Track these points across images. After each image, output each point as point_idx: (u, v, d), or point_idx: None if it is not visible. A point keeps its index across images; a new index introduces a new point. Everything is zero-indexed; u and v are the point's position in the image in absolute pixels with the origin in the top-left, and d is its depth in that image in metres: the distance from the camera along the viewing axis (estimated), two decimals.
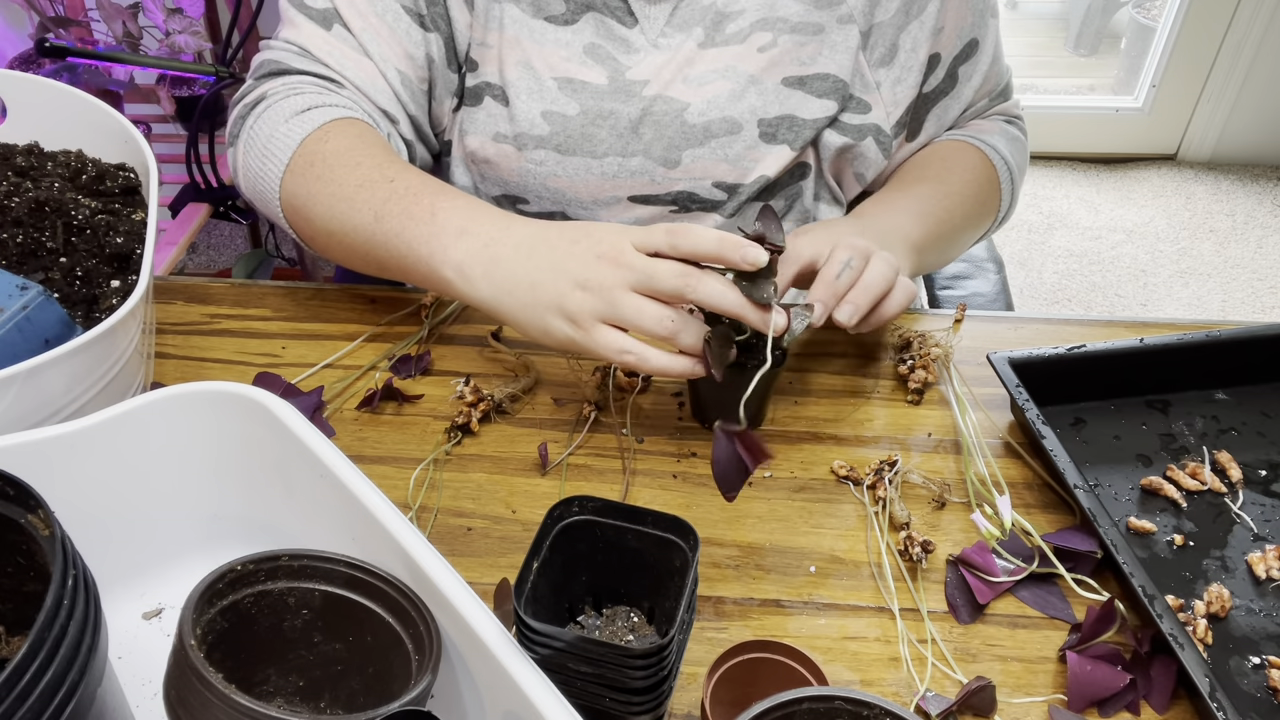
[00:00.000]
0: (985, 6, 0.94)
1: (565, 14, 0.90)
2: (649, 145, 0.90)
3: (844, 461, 0.77)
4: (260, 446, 0.61)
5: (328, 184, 0.81)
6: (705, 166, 0.91)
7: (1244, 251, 2.49)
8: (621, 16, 0.90)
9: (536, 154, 0.91)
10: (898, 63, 0.92)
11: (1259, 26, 2.51)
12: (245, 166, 0.87)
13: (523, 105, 0.90)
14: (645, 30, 0.90)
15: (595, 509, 0.59)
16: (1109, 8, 3.06)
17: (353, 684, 0.57)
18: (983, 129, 0.99)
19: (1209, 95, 2.65)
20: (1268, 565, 0.69)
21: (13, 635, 0.54)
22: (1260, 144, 2.71)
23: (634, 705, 0.55)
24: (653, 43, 0.90)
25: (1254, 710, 0.62)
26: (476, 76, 0.92)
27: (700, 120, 0.90)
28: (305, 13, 0.89)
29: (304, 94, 0.87)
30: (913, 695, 0.63)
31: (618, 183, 0.92)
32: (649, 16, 0.90)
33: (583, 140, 0.90)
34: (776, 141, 0.90)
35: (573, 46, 0.90)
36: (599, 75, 0.90)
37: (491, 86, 0.92)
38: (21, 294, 0.66)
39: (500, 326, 0.87)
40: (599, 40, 0.90)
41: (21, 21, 1.92)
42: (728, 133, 0.90)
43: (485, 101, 0.92)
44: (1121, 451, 0.78)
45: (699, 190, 0.92)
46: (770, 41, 0.89)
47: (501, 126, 0.92)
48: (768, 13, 0.89)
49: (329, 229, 0.82)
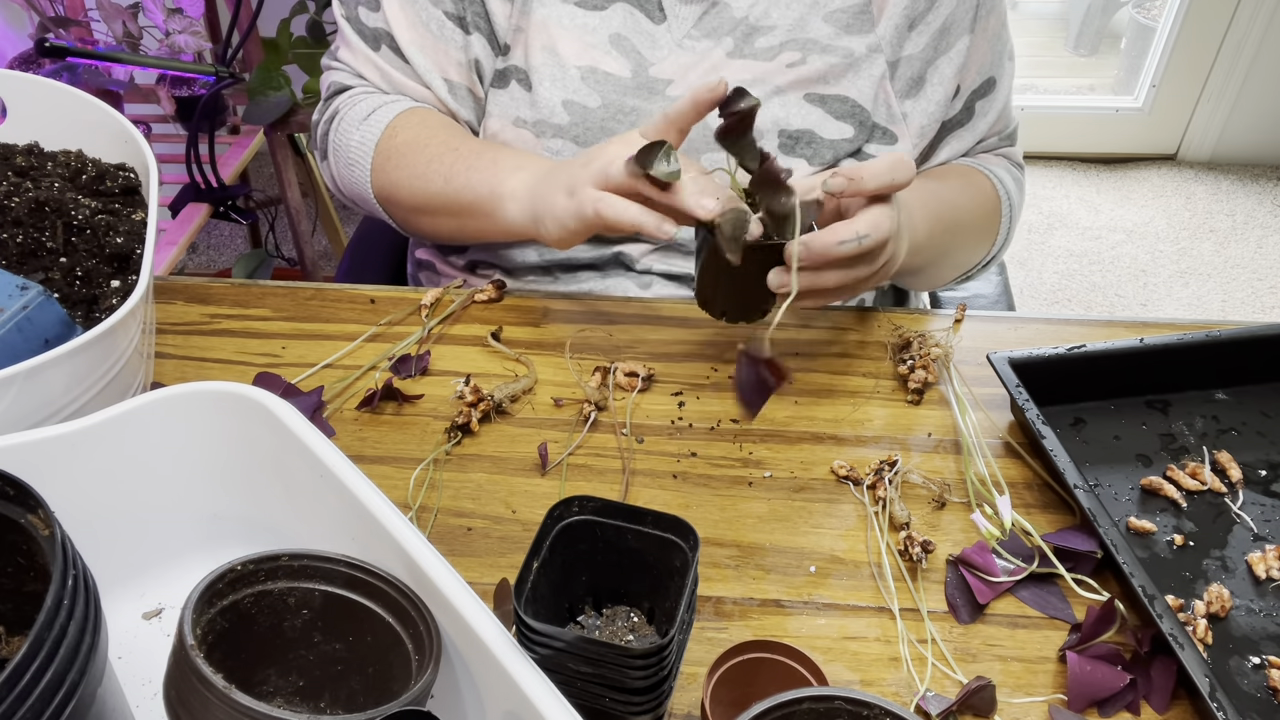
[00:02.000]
0: (1004, 49, 0.97)
1: (596, 0, 0.91)
2: None
3: (844, 461, 0.77)
4: (260, 446, 0.61)
5: (404, 170, 0.91)
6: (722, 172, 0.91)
7: (1244, 251, 2.49)
8: (651, 11, 0.91)
9: (554, 143, 0.91)
10: (925, 95, 0.93)
11: (1259, 26, 2.50)
12: (339, 176, 0.98)
13: (545, 92, 0.91)
14: (672, 29, 0.91)
15: (595, 509, 0.59)
16: (1109, 8, 3.06)
17: (353, 684, 0.57)
18: (990, 162, 1.00)
19: (1209, 95, 2.65)
20: (1268, 565, 0.69)
21: (13, 635, 0.54)
22: (1260, 144, 2.71)
23: (634, 705, 0.55)
24: (678, 43, 0.91)
25: (1254, 710, 0.62)
26: (506, 60, 0.93)
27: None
28: (358, 30, 0.96)
29: (369, 97, 0.96)
30: (913, 695, 0.63)
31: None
32: (679, 15, 0.91)
33: (602, 134, 0.91)
34: (795, 155, 0.90)
35: (599, 33, 0.91)
36: (623, 67, 0.90)
37: (518, 70, 0.92)
38: (21, 294, 0.66)
39: (500, 327, 0.87)
40: (625, 32, 0.91)
41: (21, 21, 1.92)
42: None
43: (511, 85, 0.93)
44: (1121, 451, 0.78)
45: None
46: (799, 59, 0.89)
47: (523, 111, 0.92)
48: (798, 33, 0.90)
49: (415, 206, 0.92)
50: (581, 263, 0.97)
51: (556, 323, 0.89)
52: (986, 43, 0.94)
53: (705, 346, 0.87)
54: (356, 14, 0.95)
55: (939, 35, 0.91)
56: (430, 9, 0.92)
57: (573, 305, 0.91)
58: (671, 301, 0.92)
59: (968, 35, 0.92)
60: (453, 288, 0.92)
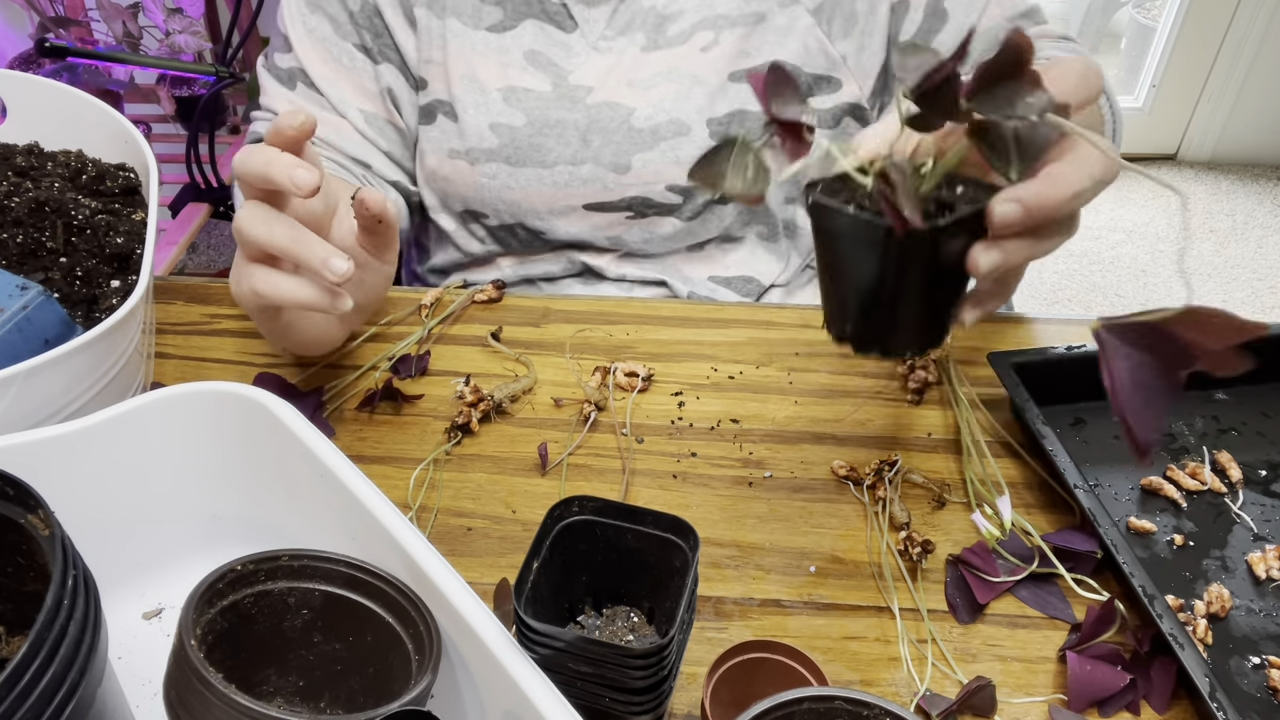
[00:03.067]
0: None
1: (504, 20, 0.90)
2: (598, 152, 0.90)
3: (844, 461, 0.77)
4: (260, 446, 0.61)
5: None
6: (656, 170, 0.90)
7: (1244, 251, 2.49)
8: (561, 21, 0.90)
9: (488, 167, 0.91)
10: (857, 29, 0.88)
11: (1259, 26, 2.50)
12: None
13: (470, 119, 0.90)
14: (585, 33, 0.90)
15: (595, 509, 0.59)
16: (1109, 8, 3.06)
17: (353, 684, 0.57)
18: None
19: (1209, 95, 2.64)
20: (1268, 565, 0.69)
21: (13, 635, 0.54)
22: (1260, 144, 2.71)
23: (634, 705, 0.55)
24: (593, 45, 0.90)
25: (1254, 710, 0.62)
26: (427, 95, 0.93)
27: (647, 124, 0.89)
28: (274, 74, 0.94)
29: None
30: (913, 695, 0.63)
31: (570, 191, 0.91)
32: (588, 19, 0.89)
33: (531, 150, 0.90)
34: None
35: (512, 53, 0.90)
36: (542, 81, 0.90)
37: (442, 104, 0.92)
38: (21, 294, 0.66)
39: (500, 327, 0.87)
40: (539, 46, 0.90)
41: (21, 21, 1.92)
42: (676, 134, 0.89)
43: (438, 119, 0.93)
44: (1121, 451, 0.78)
45: (653, 195, 0.92)
46: (712, 40, 0.88)
47: (453, 143, 0.92)
48: (707, 11, 0.88)
49: None
50: (556, 275, 0.98)
51: (556, 323, 0.89)
52: None
53: (705, 346, 0.87)
54: (273, 61, 0.95)
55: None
56: (339, 43, 0.92)
57: (573, 305, 0.91)
58: (671, 302, 0.92)
59: None
60: (452, 288, 0.92)
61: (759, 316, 0.89)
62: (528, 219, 0.94)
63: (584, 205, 0.93)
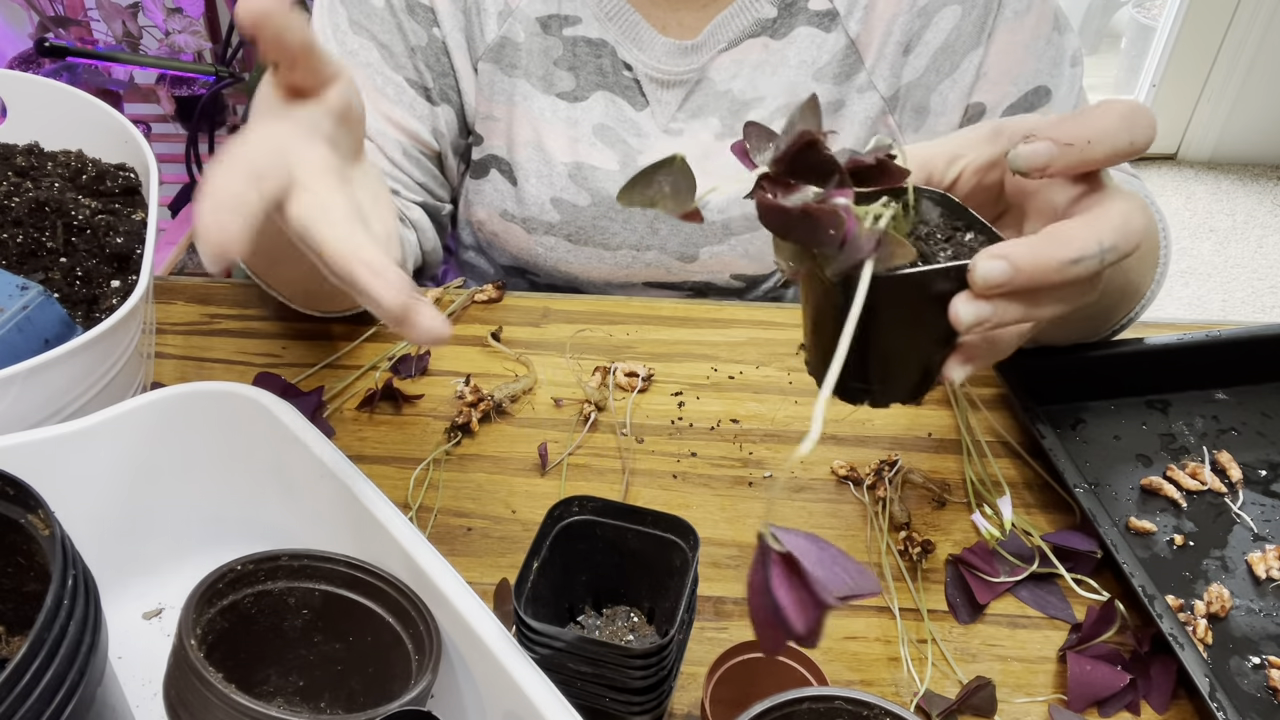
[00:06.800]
0: (1058, 54, 0.84)
1: (575, 90, 0.86)
2: (665, 240, 0.88)
3: (844, 461, 0.77)
4: (260, 446, 0.61)
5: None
6: (724, 262, 0.88)
7: (1244, 251, 2.49)
8: (632, 97, 0.86)
9: (546, 240, 0.89)
10: (926, 125, 0.86)
11: (1259, 26, 2.51)
12: None
13: (532, 189, 0.88)
14: (655, 114, 0.87)
15: (595, 509, 0.59)
16: (1109, 8, 3.06)
17: (353, 684, 0.57)
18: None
19: (1209, 95, 2.65)
20: (1268, 565, 0.69)
21: (13, 635, 0.54)
22: (1260, 144, 2.71)
23: (634, 705, 0.55)
24: (664, 128, 0.87)
25: (1254, 710, 0.62)
26: (482, 150, 0.90)
27: (720, 217, 0.87)
28: None
29: None
30: (913, 695, 0.63)
31: (632, 272, 0.90)
32: (660, 100, 0.86)
33: (595, 232, 0.88)
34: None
35: (582, 126, 0.87)
36: (610, 159, 0.87)
37: (499, 160, 0.89)
38: (21, 294, 0.66)
39: (500, 327, 0.87)
40: (609, 121, 0.87)
41: (21, 21, 1.92)
42: (748, 229, 0.87)
43: (492, 175, 0.90)
44: (1121, 451, 0.78)
45: (716, 281, 0.90)
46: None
47: (509, 205, 0.90)
48: (789, 98, 0.84)
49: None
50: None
51: (556, 323, 0.89)
52: (1020, 48, 0.83)
53: (705, 346, 0.87)
54: None
55: (939, 56, 0.83)
56: (389, 74, 0.86)
57: (573, 305, 0.91)
58: (672, 301, 0.92)
59: (977, 50, 0.83)
60: (453, 288, 0.92)
61: (759, 316, 0.89)
62: (582, 285, 0.93)
63: (645, 283, 0.91)
